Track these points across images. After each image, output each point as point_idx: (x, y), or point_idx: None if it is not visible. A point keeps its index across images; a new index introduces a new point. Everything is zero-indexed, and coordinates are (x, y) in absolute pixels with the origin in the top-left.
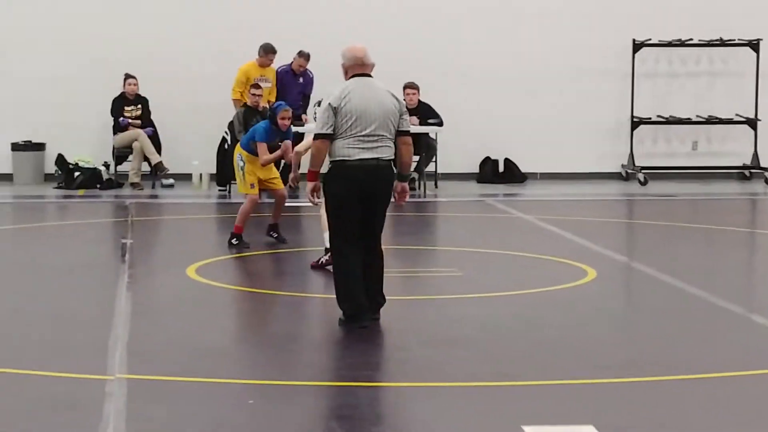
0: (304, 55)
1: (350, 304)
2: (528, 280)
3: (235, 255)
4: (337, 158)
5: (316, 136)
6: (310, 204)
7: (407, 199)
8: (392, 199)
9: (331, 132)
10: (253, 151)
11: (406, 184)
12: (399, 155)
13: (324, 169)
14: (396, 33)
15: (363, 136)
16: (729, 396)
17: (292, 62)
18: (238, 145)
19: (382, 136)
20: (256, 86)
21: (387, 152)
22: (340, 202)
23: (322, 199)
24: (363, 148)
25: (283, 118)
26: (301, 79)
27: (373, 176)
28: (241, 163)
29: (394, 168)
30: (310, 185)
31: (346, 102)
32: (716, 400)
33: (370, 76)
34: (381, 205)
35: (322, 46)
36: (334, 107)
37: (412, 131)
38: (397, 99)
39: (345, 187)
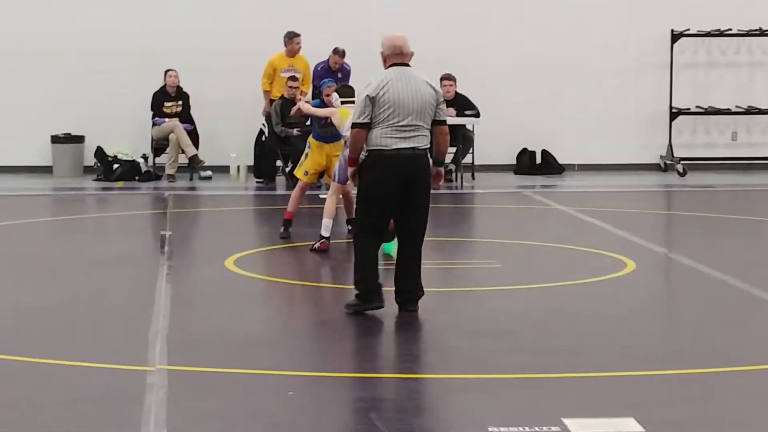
0: (339, 53)
1: (366, 286)
2: (567, 272)
3: (272, 246)
4: (375, 147)
5: (354, 125)
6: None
7: (442, 183)
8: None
9: (368, 121)
10: (319, 137)
11: (441, 169)
12: (435, 144)
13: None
14: (434, 24)
15: (400, 126)
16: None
17: (328, 59)
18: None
19: (419, 126)
20: (293, 78)
21: (423, 141)
22: (375, 190)
23: (334, 186)
24: (400, 138)
25: (327, 95)
26: (339, 75)
27: (410, 165)
28: (307, 150)
29: (430, 157)
30: (351, 170)
31: (384, 92)
32: (757, 393)
33: (408, 65)
34: (420, 194)
35: (357, 38)
36: (372, 97)
37: (449, 122)
38: (434, 89)
39: (381, 175)
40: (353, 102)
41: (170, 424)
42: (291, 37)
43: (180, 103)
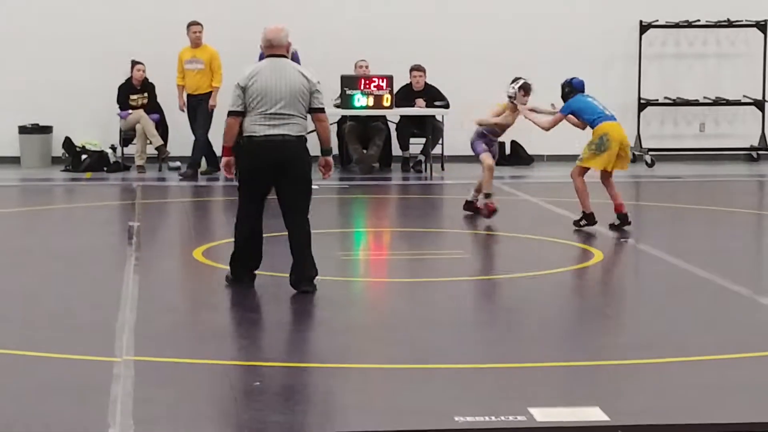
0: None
1: (236, 267)
2: (535, 262)
3: None
4: (246, 134)
5: (229, 114)
6: (313, 187)
7: (331, 172)
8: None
9: (241, 110)
10: None
11: (328, 158)
12: (317, 132)
13: None
14: (403, 16)
15: (269, 114)
16: (736, 377)
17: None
18: None
19: (290, 114)
20: None
21: (295, 129)
22: (247, 174)
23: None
24: (269, 125)
25: None
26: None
27: (279, 151)
28: None
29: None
30: (224, 160)
31: (254, 82)
32: (723, 382)
33: (283, 56)
34: (295, 180)
35: (329, 28)
36: (242, 86)
37: (419, 113)
38: (307, 78)
39: (252, 161)
40: None
41: (136, 414)
42: (188, 26)
43: (146, 95)
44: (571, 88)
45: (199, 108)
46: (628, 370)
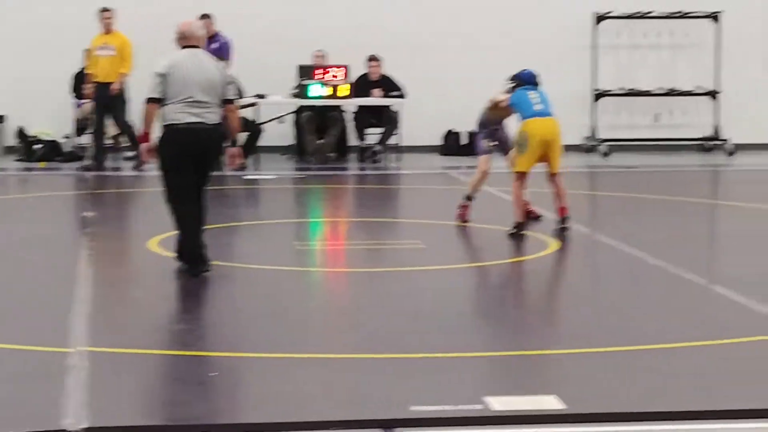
0: (206, 16)
1: (187, 255)
2: (491, 252)
3: None
4: (167, 122)
5: (148, 100)
6: (270, 177)
7: (238, 162)
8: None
9: (161, 96)
10: None
11: (235, 149)
12: (227, 122)
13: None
14: (359, 6)
15: (190, 102)
16: (690, 366)
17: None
18: None
19: (207, 102)
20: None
21: (212, 117)
22: (172, 161)
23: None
24: (190, 113)
25: None
26: (216, 44)
27: (199, 138)
28: None
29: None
30: (144, 145)
31: (174, 70)
32: (677, 371)
33: (197, 47)
34: (210, 165)
35: (286, 18)
36: (162, 74)
37: (375, 104)
38: (221, 70)
39: (175, 148)
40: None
41: (90, 405)
42: (100, 12)
43: None
44: (518, 81)
45: (113, 95)
46: (583, 359)
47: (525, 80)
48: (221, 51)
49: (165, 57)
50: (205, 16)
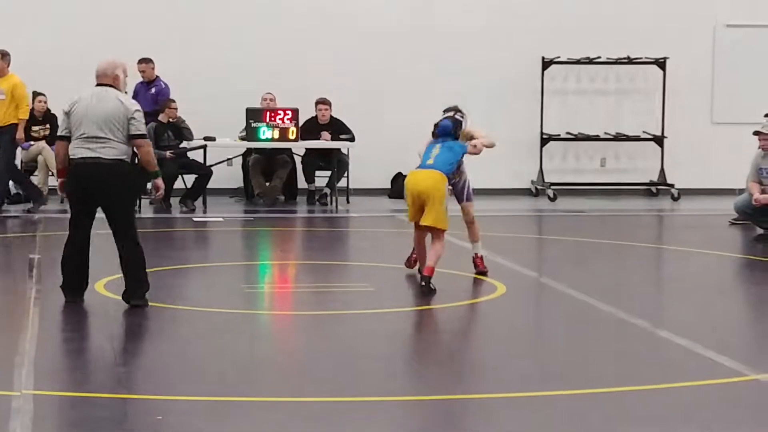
0: (143, 61)
1: (64, 280)
2: (439, 295)
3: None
4: (70, 157)
5: (56, 138)
6: (218, 219)
7: (160, 194)
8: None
9: (66, 134)
10: None
11: (155, 181)
12: (139, 157)
13: None
14: (310, 48)
15: (87, 137)
16: (634, 409)
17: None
18: None
19: (104, 138)
20: (171, 100)
21: (110, 152)
22: (71, 196)
23: None
24: (86, 148)
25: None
26: (152, 90)
27: (93, 172)
28: None
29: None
30: (58, 182)
31: (75, 108)
32: (622, 414)
33: (107, 85)
34: (111, 202)
35: (234, 61)
36: (66, 112)
37: (324, 146)
38: (126, 106)
39: (72, 182)
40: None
41: None
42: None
43: (48, 126)
44: (434, 131)
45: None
46: (530, 402)
47: (438, 132)
48: (159, 95)
49: (74, 95)
50: (144, 60)
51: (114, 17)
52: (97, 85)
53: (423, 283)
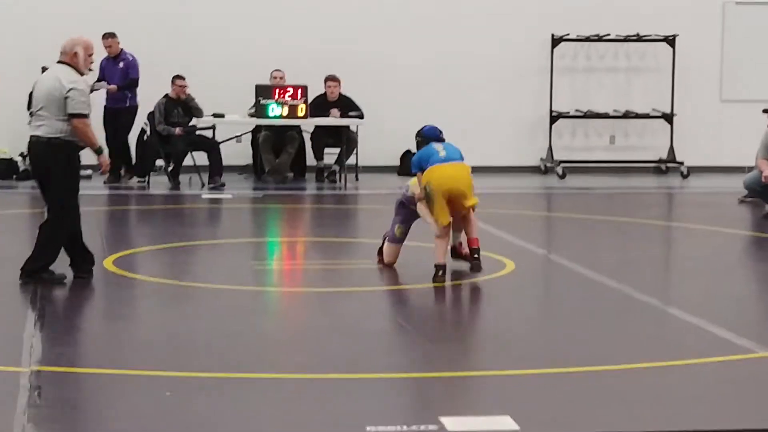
0: (107, 36)
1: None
2: (448, 272)
3: (152, 247)
4: None
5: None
6: (227, 196)
7: (105, 170)
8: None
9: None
10: None
11: (99, 157)
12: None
13: None
14: (320, 26)
15: (32, 115)
16: (645, 387)
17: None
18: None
19: (45, 116)
20: (180, 77)
21: (45, 131)
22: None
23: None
24: (31, 126)
25: None
26: (120, 64)
27: (31, 151)
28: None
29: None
30: None
31: (34, 86)
32: (633, 392)
33: (63, 63)
34: (45, 178)
35: (245, 38)
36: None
37: (333, 124)
38: (62, 84)
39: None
40: None
41: (43, 425)
42: None
43: None
44: (422, 138)
45: None
46: (538, 380)
47: (429, 136)
48: (129, 69)
49: None
50: (109, 35)
51: None
52: (57, 62)
53: (476, 256)
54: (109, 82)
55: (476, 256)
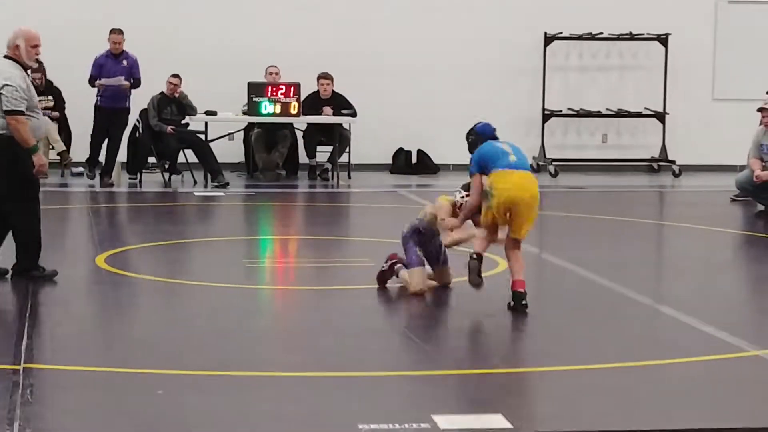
0: (115, 31)
1: None
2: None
3: (144, 244)
4: None
5: None
6: (220, 194)
7: (44, 170)
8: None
9: None
10: None
11: (33, 157)
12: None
13: None
14: (311, 24)
15: None
16: (636, 385)
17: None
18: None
19: None
20: (175, 75)
21: None
22: None
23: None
24: None
25: None
26: (124, 62)
27: None
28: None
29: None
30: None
31: None
32: (624, 390)
33: (7, 57)
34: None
35: (239, 35)
36: None
37: (326, 122)
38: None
39: None
40: None
41: (36, 423)
42: None
43: (51, 97)
44: (476, 136)
45: None
46: (530, 378)
47: (484, 133)
48: (133, 68)
49: None
50: (119, 31)
51: None
52: (3, 56)
53: (524, 302)
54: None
55: (524, 302)
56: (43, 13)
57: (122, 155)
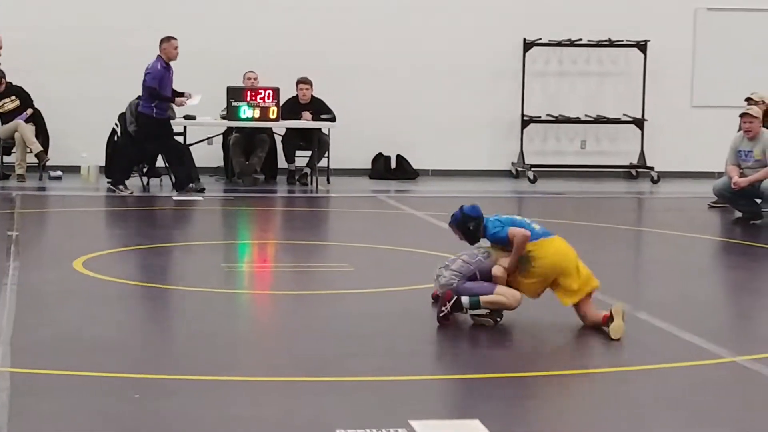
0: (174, 38)
1: None
2: (418, 275)
3: (122, 248)
4: None
5: None
6: (198, 198)
7: None
8: None
9: None
10: None
11: None
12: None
13: None
14: (290, 28)
15: None
16: (614, 391)
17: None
18: None
19: None
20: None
21: None
22: None
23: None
24: None
25: None
26: (171, 72)
27: None
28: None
29: None
30: None
31: None
32: (602, 396)
33: None
34: None
35: (219, 40)
36: None
37: (305, 126)
38: None
39: None
40: None
41: (12, 427)
42: None
43: (14, 98)
44: (477, 218)
45: None
46: (508, 384)
47: (479, 215)
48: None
49: None
50: (173, 38)
51: None
52: None
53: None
54: (165, 93)
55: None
56: (13, 16)
57: (101, 159)
